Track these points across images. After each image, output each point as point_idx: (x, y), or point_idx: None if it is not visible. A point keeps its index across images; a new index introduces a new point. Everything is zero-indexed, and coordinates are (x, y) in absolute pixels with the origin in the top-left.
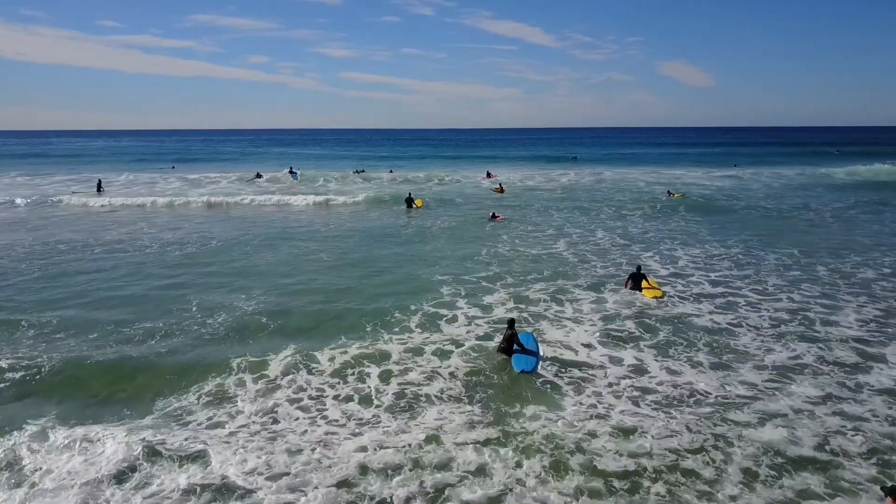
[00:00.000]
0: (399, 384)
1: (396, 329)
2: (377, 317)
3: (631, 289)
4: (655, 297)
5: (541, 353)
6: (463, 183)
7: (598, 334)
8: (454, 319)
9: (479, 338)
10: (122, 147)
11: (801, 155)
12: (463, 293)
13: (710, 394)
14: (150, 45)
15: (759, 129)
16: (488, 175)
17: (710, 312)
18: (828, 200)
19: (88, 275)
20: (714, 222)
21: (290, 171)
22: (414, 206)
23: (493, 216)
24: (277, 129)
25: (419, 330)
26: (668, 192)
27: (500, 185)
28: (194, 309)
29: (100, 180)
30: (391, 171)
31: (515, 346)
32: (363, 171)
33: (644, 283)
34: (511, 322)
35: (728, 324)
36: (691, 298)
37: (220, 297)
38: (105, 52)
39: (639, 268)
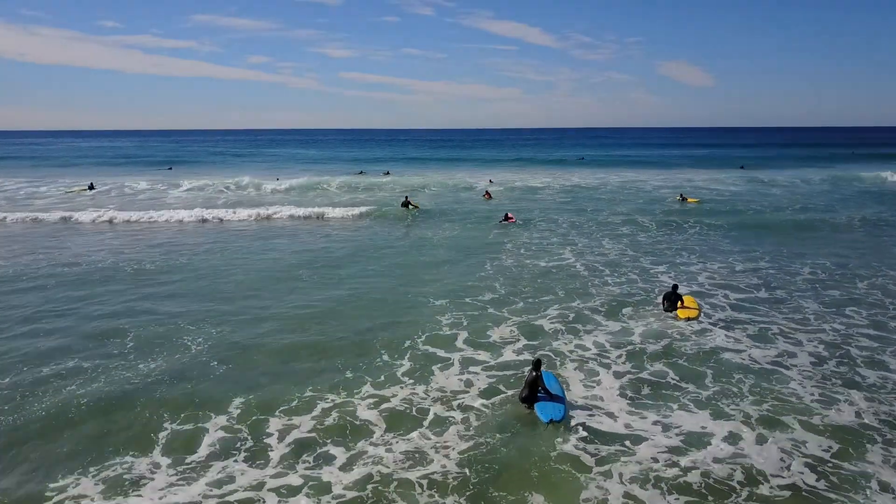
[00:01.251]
0: (368, 463)
1: (381, 378)
2: (357, 359)
3: (665, 310)
4: (688, 318)
5: (566, 397)
6: (463, 186)
7: (624, 380)
8: (451, 365)
9: (481, 392)
10: (118, 148)
11: (815, 158)
12: (464, 322)
13: (769, 479)
14: (150, 45)
15: (761, 130)
16: (490, 182)
17: (746, 347)
18: (854, 206)
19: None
20: (733, 230)
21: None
22: (411, 207)
23: (506, 217)
24: (277, 130)
25: (407, 378)
26: (681, 196)
27: (487, 192)
28: (129, 346)
29: (91, 183)
30: (388, 174)
31: (540, 392)
32: (361, 172)
33: (679, 304)
34: (537, 363)
35: (768, 362)
36: (720, 324)
37: (164, 331)
38: (105, 52)
39: (675, 287)
